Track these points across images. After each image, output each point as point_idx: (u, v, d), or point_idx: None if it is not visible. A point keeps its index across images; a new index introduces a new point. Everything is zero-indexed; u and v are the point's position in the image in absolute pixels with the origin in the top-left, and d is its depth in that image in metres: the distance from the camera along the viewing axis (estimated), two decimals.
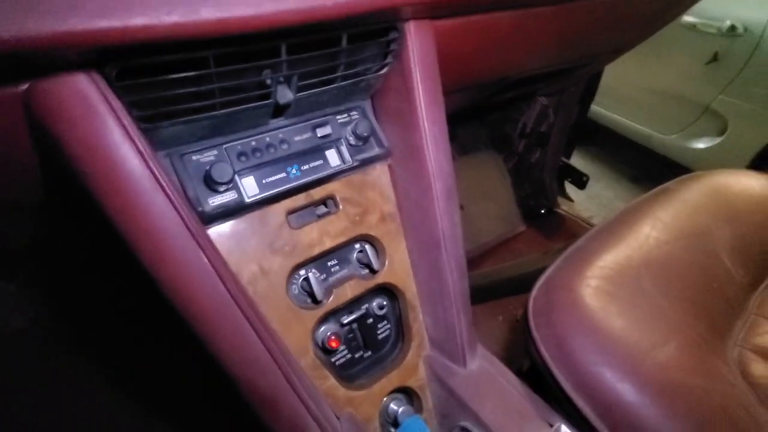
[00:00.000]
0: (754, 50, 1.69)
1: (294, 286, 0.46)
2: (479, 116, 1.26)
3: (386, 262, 0.50)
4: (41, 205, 0.48)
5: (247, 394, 0.38)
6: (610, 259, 0.57)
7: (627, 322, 0.49)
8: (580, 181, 1.25)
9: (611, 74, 1.53)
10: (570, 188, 1.39)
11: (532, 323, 0.52)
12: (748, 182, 0.75)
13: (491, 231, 1.17)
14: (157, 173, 0.33)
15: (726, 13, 1.75)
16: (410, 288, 0.52)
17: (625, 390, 0.44)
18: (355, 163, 0.49)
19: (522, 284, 1.04)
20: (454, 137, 1.30)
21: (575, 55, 0.79)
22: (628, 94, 2.14)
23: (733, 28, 1.71)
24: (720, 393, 0.44)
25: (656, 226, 0.63)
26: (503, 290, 1.04)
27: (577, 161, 1.38)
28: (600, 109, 2.21)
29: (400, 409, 0.49)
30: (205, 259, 0.35)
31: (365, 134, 0.48)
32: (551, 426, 0.44)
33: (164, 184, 0.33)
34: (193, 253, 0.35)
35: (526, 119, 1.23)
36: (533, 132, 1.24)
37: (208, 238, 0.37)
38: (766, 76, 1.69)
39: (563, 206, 1.31)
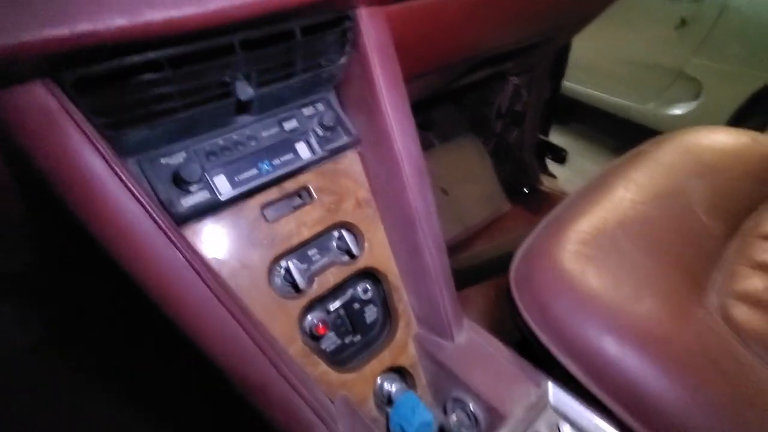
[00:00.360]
0: (720, 11, 1.72)
1: (276, 278, 0.47)
2: (456, 101, 1.28)
3: (365, 247, 0.51)
4: (25, 221, 0.48)
5: (237, 384, 0.39)
6: (586, 223, 0.59)
7: (605, 281, 0.50)
8: (560, 156, 1.27)
9: (583, 49, 1.55)
10: (555, 167, 1.41)
11: (514, 292, 0.53)
12: (719, 138, 0.77)
13: (477, 213, 1.18)
14: (123, 177, 0.34)
15: None
16: (392, 270, 0.53)
17: (607, 344, 0.46)
18: (325, 153, 0.49)
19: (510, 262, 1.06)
20: (433, 124, 1.32)
21: (538, 30, 0.80)
22: (601, 67, 2.16)
23: None
24: (700, 337, 0.46)
25: (630, 188, 0.65)
26: (494, 269, 1.05)
27: (559, 139, 1.40)
28: (575, 85, 2.23)
29: (394, 388, 0.50)
30: (181, 257, 0.36)
31: (331, 124, 0.49)
32: (539, 386, 0.45)
33: (132, 187, 0.34)
34: (168, 252, 0.36)
35: (500, 100, 1.25)
36: (509, 112, 1.25)
37: (182, 236, 0.37)
38: (733, 35, 1.71)
39: (546, 183, 1.33)
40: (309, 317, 0.49)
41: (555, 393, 0.45)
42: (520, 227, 1.20)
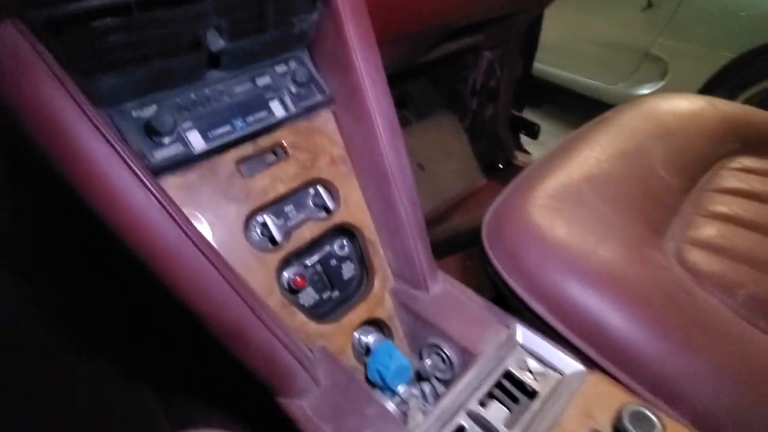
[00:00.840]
0: None
1: (253, 232, 0.48)
2: (431, 78, 1.29)
3: (341, 203, 0.52)
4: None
5: (213, 330, 0.40)
6: (553, 181, 0.61)
7: (571, 230, 0.53)
8: (533, 131, 1.30)
9: (553, 31, 1.58)
10: (529, 144, 1.45)
11: (486, 244, 0.55)
12: (677, 103, 0.81)
13: (454, 187, 1.21)
14: (95, 121, 0.34)
15: None
16: (368, 225, 0.54)
17: (571, 286, 0.48)
18: (299, 111, 0.50)
19: None
20: (409, 102, 1.33)
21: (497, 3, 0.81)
22: (572, 48, 2.20)
23: None
24: (657, 276, 0.49)
25: (595, 149, 0.68)
26: (470, 240, 1.08)
27: (532, 119, 1.43)
28: (546, 67, 2.27)
29: (371, 339, 0.52)
30: (155, 200, 0.36)
31: (304, 80, 0.49)
32: (508, 328, 0.48)
33: (104, 130, 0.34)
34: (141, 195, 0.36)
35: (475, 76, 1.27)
36: (483, 88, 1.27)
37: (155, 181, 0.37)
38: (696, 16, 1.78)
39: (520, 158, 1.36)
40: (286, 273, 0.50)
41: (523, 333, 0.48)
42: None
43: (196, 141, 0.44)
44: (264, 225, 0.48)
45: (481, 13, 0.80)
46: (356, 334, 0.52)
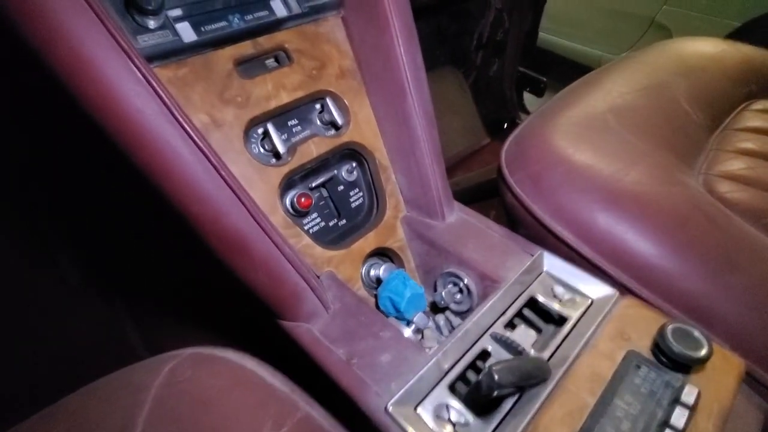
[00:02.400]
0: None
1: (253, 145, 0.43)
2: (436, 30, 1.22)
3: (350, 121, 0.47)
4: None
5: (214, 239, 0.35)
6: (577, 110, 0.57)
7: (597, 154, 0.49)
8: (539, 88, 1.25)
9: (560, 1, 1.50)
10: (531, 105, 1.40)
11: (505, 171, 0.51)
12: (699, 45, 0.77)
13: (458, 143, 1.16)
14: None
15: None
16: (379, 148, 0.49)
17: (599, 210, 0.45)
18: (305, 10, 0.44)
19: (491, 190, 1.05)
20: None
21: None
22: (575, 17, 2.14)
23: None
24: (691, 198, 0.45)
25: (617, 82, 0.63)
26: (474, 197, 1.04)
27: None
28: (552, 37, 2.22)
29: (382, 270, 0.48)
30: (148, 86, 0.31)
31: None
32: (532, 255, 0.44)
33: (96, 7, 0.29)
34: (137, 87, 0.30)
35: (482, 29, 1.21)
36: (490, 41, 1.21)
37: (153, 73, 0.32)
38: None
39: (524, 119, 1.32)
40: (290, 193, 0.45)
41: (549, 259, 0.44)
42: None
43: (186, 31, 0.38)
44: (265, 137, 0.43)
45: None
46: (366, 266, 0.48)
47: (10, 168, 0.56)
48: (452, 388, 0.35)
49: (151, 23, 0.36)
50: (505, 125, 1.30)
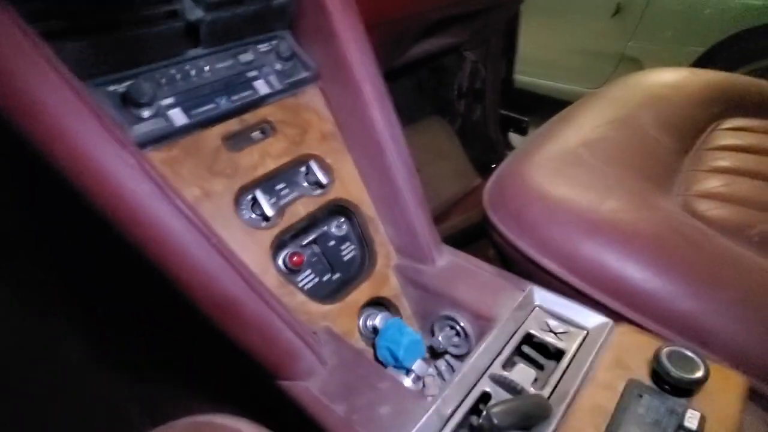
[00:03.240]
0: None
1: (244, 211, 0.45)
2: (417, 84, 1.30)
3: (335, 178, 0.50)
4: None
5: (205, 305, 0.36)
6: (551, 146, 0.60)
7: (573, 187, 0.51)
8: (521, 127, 1.31)
9: (532, 44, 1.63)
10: (517, 144, 1.45)
11: (489, 211, 0.53)
12: (662, 75, 0.82)
13: (450, 188, 1.19)
14: (72, 89, 0.32)
15: None
16: (364, 200, 0.52)
17: (582, 239, 0.46)
18: (285, 86, 0.49)
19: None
20: (397, 109, 1.33)
21: None
22: (551, 59, 2.28)
23: None
24: (668, 221, 0.47)
25: (588, 116, 0.67)
26: (471, 236, 1.05)
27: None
28: (530, 78, 2.35)
29: (379, 319, 0.48)
30: (141, 171, 0.33)
31: (288, 54, 0.48)
32: (523, 291, 0.45)
33: (83, 100, 0.32)
34: (125, 167, 0.33)
35: (460, 80, 1.29)
36: (469, 90, 1.29)
37: (141, 154, 0.35)
38: (664, 17, 1.85)
39: None
40: (282, 253, 0.47)
41: (540, 294, 0.45)
42: None
43: (177, 116, 0.42)
44: (254, 203, 0.45)
45: (459, 3, 0.81)
46: (362, 317, 0.49)
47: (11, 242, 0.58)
48: None
49: (145, 113, 0.40)
50: (494, 165, 1.34)
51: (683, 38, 1.84)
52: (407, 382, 0.43)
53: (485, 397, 0.37)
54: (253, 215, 0.45)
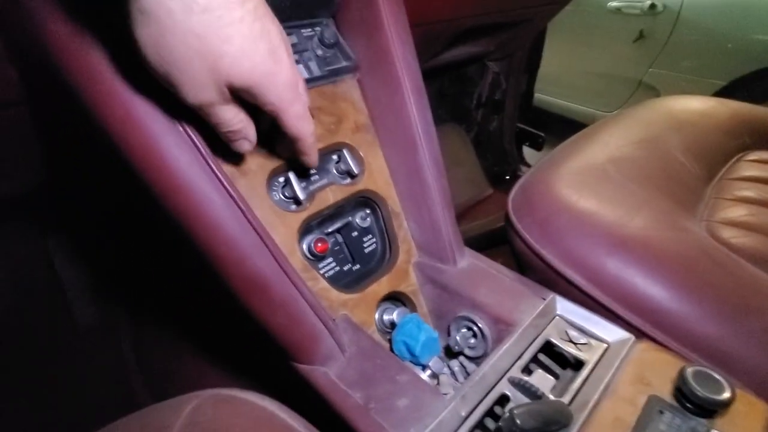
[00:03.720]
0: (674, 25, 1.86)
1: (275, 192, 0.45)
2: (439, 91, 1.31)
3: (365, 170, 0.50)
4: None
5: (237, 281, 0.36)
6: (577, 161, 0.60)
7: (600, 201, 0.51)
8: (537, 142, 1.31)
9: (552, 64, 1.65)
10: (531, 159, 1.45)
11: (513, 218, 0.53)
12: (688, 102, 0.82)
13: (462, 193, 1.20)
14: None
15: None
16: (391, 196, 0.52)
17: (608, 254, 0.46)
18: (324, 73, 0.49)
19: (496, 239, 1.06)
20: None
21: (519, 1, 0.84)
22: (570, 80, 2.30)
23: (653, 6, 1.89)
24: (696, 244, 0.47)
25: (614, 135, 0.67)
26: (479, 245, 1.05)
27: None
28: (547, 97, 2.37)
29: (396, 314, 0.48)
30: (186, 139, 0.34)
31: (332, 41, 0.49)
32: (544, 299, 0.45)
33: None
34: (170, 135, 0.33)
35: (480, 90, 1.29)
36: (489, 101, 1.29)
37: (185, 124, 0.35)
38: (686, 48, 1.86)
39: (525, 171, 1.37)
40: (307, 238, 0.47)
41: (561, 303, 0.44)
42: (502, 210, 1.21)
43: None
44: (286, 185, 0.45)
45: (495, 13, 0.81)
46: (379, 311, 0.49)
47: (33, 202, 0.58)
48: None
49: None
50: (507, 177, 1.35)
51: (704, 70, 1.84)
52: (423, 377, 0.43)
53: (503, 400, 0.37)
54: (284, 197, 0.45)
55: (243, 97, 0.31)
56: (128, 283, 0.67)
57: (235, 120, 0.32)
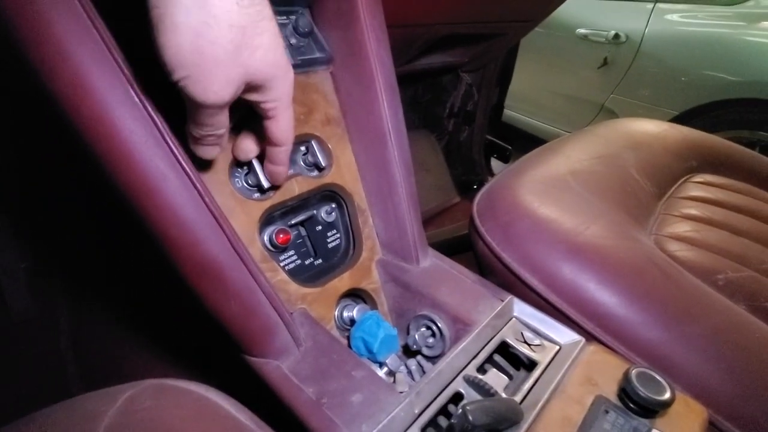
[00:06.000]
0: (635, 55, 1.98)
1: (237, 179, 0.43)
2: (412, 98, 1.32)
3: (333, 164, 0.49)
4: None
5: (189, 266, 0.34)
6: (541, 171, 0.62)
7: (560, 209, 0.53)
8: (505, 155, 1.35)
9: (522, 82, 1.71)
10: (498, 170, 1.50)
11: (477, 221, 0.54)
12: (644, 124, 0.87)
13: (430, 199, 1.21)
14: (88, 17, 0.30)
15: (612, 24, 2.04)
16: (358, 192, 0.51)
17: (564, 259, 0.47)
18: (297, 62, 0.48)
19: (461, 245, 1.08)
20: None
21: (494, 14, 0.86)
22: (538, 99, 2.40)
23: (617, 36, 2.00)
24: (647, 253, 0.49)
25: (576, 149, 0.70)
26: (444, 251, 1.06)
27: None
28: (514, 113, 2.47)
29: (356, 311, 0.47)
30: (146, 115, 0.32)
31: (306, 30, 0.48)
32: (502, 301, 0.45)
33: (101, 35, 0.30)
34: (127, 112, 0.31)
35: (453, 99, 1.32)
36: (461, 111, 1.32)
37: (146, 100, 0.33)
38: (645, 78, 1.98)
39: None
40: (268, 229, 0.45)
41: (518, 305, 0.45)
42: (468, 218, 1.24)
43: None
44: (249, 172, 0.44)
45: (471, 22, 0.83)
46: (339, 308, 0.48)
47: None
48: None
49: None
50: (475, 186, 1.38)
51: (660, 100, 1.97)
52: (379, 374, 0.42)
53: (457, 397, 0.37)
54: (247, 185, 0.44)
55: (247, 97, 0.32)
56: (68, 269, 0.63)
57: (223, 124, 0.32)
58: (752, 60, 1.68)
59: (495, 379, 0.39)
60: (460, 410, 0.31)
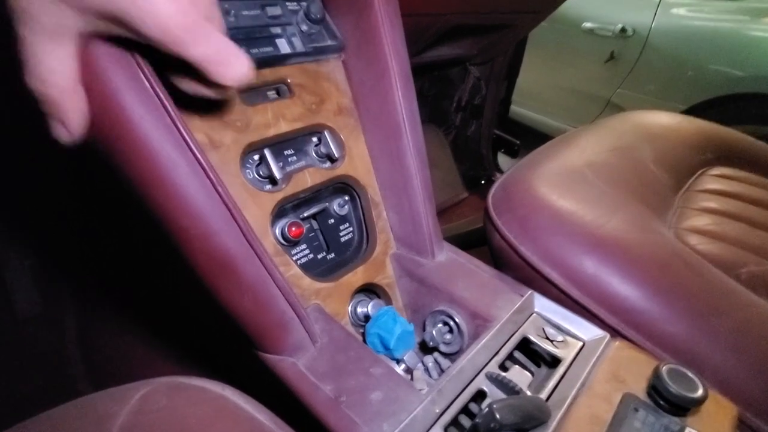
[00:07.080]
0: (642, 49, 1.96)
1: (248, 170, 0.42)
2: (419, 92, 1.30)
3: (346, 155, 0.48)
4: None
5: (199, 255, 0.33)
6: (556, 163, 0.60)
7: (578, 203, 0.51)
8: (513, 149, 1.33)
9: (528, 78, 1.69)
10: (504, 165, 1.48)
11: (493, 214, 0.52)
12: (659, 116, 0.85)
13: (437, 195, 1.19)
14: None
15: (618, 18, 2.01)
16: (372, 184, 0.50)
17: (585, 253, 0.46)
18: (308, 50, 0.47)
19: (471, 241, 1.07)
20: None
21: (504, 5, 0.85)
22: (544, 95, 2.38)
23: (623, 30, 1.98)
24: (669, 246, 0.47)
25: (590, 141, 0.68)
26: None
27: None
28: (520, 109, 2.44)
29: (370, 307, 0.46)
30: (159, 104, 0.30)
31: (318, 16, 0.46)
32: (522, 296, 0.44)
33: None
34: (140, 102, 0.30)
35: (461, 93, 1.30)
36: (468, 105, 1.30)
37: (160, 87, 0.32)
38: (652, 72, 1.96)
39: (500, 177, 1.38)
40: (281, 222, 0.44)
41: (539, 300, 0.44)
42: (476, 213, 1.22)
43: None
44: (261, 163, 0.42)
45: (481, 12, 0.82)
46: (353, 303, 0.46)
47: None
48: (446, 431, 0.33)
49: None
50: (483, 182, 1.36)
51: (666, 94, 1.94)
52: (399, 369, 0.41)
53: (479, 396, 0.36)
54: (258, 176, 0.42)
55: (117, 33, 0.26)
56: (74, 265, 0.62)
57: (222, 45, 0.27)
58: (758, 55, 1.66)
59: (518, 376, 0.37)
60: (486, 409, 0.30)
